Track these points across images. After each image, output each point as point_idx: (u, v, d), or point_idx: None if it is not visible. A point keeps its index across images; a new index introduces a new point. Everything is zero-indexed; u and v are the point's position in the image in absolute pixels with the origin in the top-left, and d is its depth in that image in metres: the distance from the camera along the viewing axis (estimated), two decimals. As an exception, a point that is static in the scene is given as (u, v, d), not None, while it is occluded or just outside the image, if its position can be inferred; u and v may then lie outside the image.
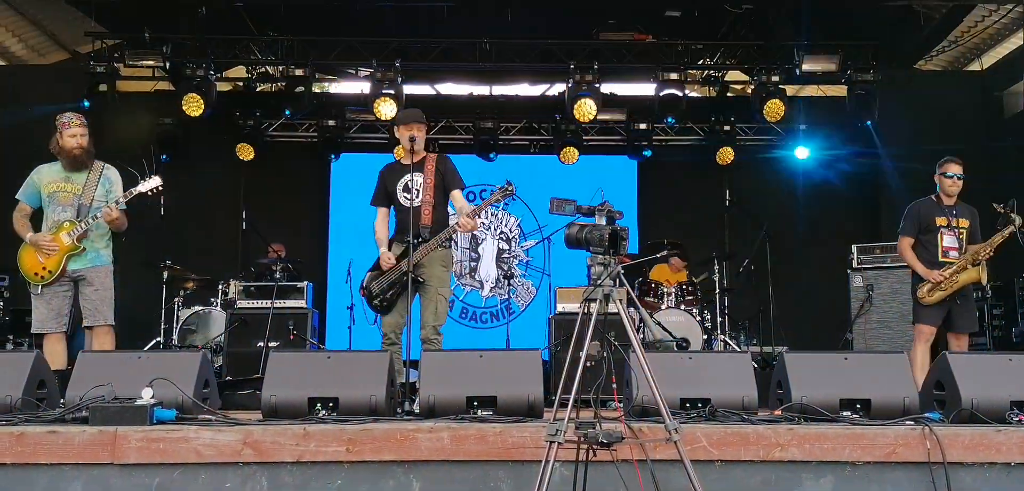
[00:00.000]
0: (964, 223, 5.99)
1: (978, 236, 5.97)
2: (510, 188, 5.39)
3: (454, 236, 5.58)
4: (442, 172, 5.54)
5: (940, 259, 5.92)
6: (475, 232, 10.73)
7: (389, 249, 5.51)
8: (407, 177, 5.43)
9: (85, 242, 5.35)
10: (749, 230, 9.21)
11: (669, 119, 9.77)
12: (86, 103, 8.51)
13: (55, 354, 5.24)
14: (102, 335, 5.39)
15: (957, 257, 5.87)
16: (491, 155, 10.46)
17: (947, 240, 5.94)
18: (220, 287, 8.36)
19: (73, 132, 5.38)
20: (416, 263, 5.23)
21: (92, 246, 5.40)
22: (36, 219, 5.50)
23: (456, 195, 5.53)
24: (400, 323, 5.34)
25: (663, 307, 8.01)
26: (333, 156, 10.71)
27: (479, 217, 5.65)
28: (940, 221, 5.98)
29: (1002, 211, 5.84)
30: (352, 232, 9.84)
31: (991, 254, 5.85)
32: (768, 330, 8.66)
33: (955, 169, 5.97)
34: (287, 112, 9.90)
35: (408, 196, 5.35)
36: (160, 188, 5.44)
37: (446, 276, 5.51)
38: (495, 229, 10.94)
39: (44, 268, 5.28)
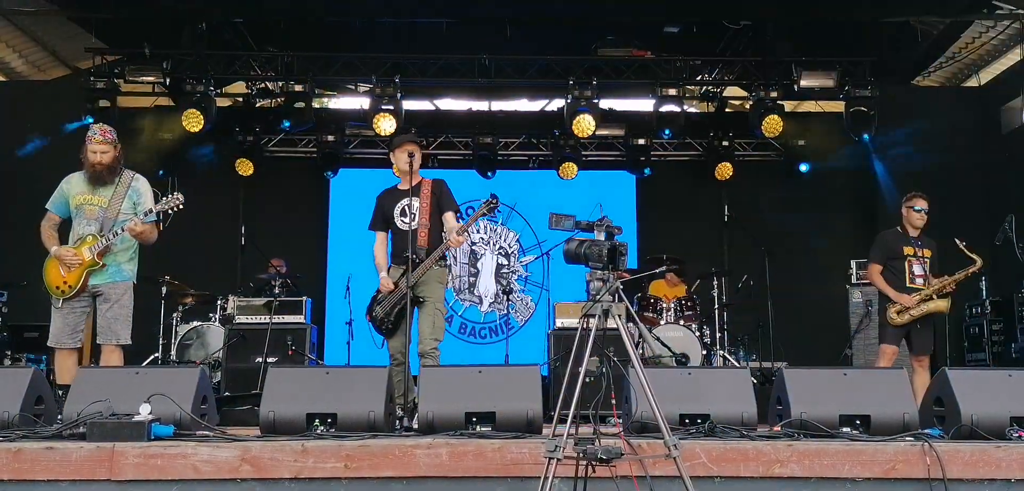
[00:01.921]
0: (927, 253, 6.38)
1: (937, 266, 6.34)
2: (494, 202, 5.60)
3: (447, 253, 5.68)
4: (438, 196, 5.70)
5: (908, 285, 6.29)
6: (474, 248, 10.77)
7: (387, 273, 5.64)
8: (404, 201, 5.57)
9: (107, 258, 5.25)
10: (748, 245, 9.22)
11: (666, 132, 9.80)
12: (89, 119, 8.47)
13: (65, 369, 5.18)
14: (110, 354, 5.26)
15: (924, 284, 6.24)
16: (488, 173, 10.49)
17: (916, 268, 6.33)
18: (219, 302, 8.37)
19: (94, 148, 5.28)
20: (415, 282, 5.34)
21: (114, 261, 5.30)
22: (65, 229, 5.40)
23: (448, 216, 5.67)
24: (405, 342, 5.43)
25: (662, 322, 8.02)
26: (332, 172, 10.72)
27: (467, 233, 5.78)
28: (908, 250, 6.37)
29: (964, 250, 6.26)
30: (351, 248, 9.81)
31: (955, 289, 6.29)
32: (767, 345, 8.66)
33: (922, 204, 6.40)
34: (285, 123, 9.83)
35: (405, 220, 5.49)
36: (182, 205, 5.32)
37: (442, 292, 5.64)
38: (494, 244, 10.94)
39: (65, 282, 5.19)
